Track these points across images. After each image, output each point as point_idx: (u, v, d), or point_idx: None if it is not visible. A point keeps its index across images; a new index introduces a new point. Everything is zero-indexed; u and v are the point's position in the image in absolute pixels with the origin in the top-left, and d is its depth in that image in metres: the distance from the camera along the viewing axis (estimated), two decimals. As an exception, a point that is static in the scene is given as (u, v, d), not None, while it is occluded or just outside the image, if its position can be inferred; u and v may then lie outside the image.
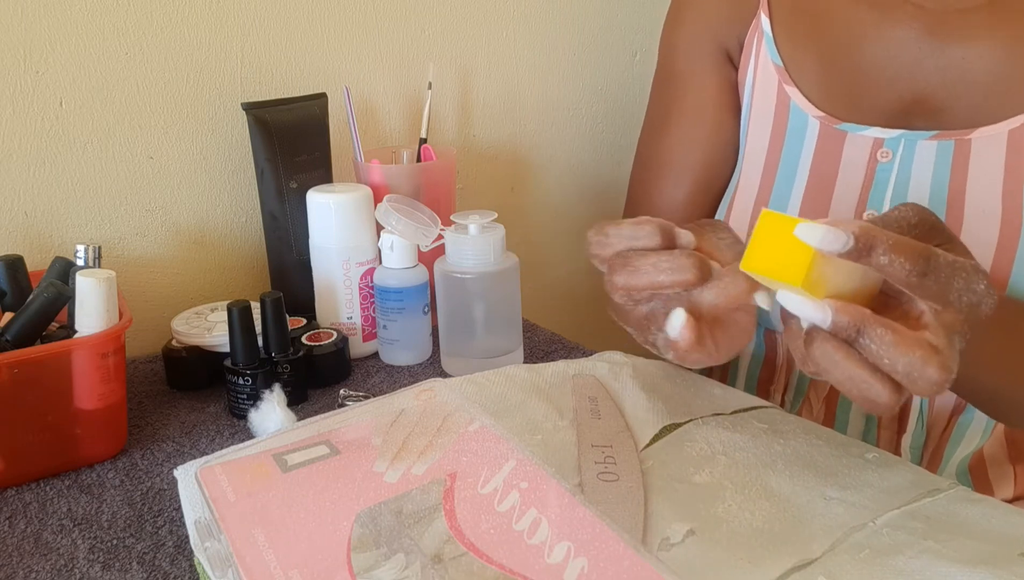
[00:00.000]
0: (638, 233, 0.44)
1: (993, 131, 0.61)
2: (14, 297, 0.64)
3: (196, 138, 0.81)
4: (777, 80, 0.69)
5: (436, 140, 0.93)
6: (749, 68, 0.72)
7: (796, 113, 0.68)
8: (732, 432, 0.51)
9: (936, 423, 0.68)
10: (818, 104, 0.67)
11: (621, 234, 0.45)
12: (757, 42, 0.71)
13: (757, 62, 0.71)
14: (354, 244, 0.74)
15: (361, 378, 0.73)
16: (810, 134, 0.67)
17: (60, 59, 0.74)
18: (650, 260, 0.43)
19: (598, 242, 0.46)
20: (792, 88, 0.68)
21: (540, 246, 1.06)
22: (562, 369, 0.59)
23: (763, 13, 0.70)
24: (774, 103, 0.70)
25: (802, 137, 0.68)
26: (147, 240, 0.81)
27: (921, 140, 0.63)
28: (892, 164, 0.64)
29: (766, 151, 0.70)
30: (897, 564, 0.39)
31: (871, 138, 0.65)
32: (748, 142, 0.72)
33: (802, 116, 0.68)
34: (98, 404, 0.59)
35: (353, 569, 0.40)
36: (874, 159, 0.65)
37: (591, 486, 0.45)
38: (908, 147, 0.64)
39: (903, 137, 0.64)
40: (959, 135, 0.62)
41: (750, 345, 0.77)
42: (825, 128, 0.67)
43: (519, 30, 0.97)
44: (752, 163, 0.72)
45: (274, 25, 0.83)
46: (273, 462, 0.49)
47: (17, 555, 0.50)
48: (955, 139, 0.62)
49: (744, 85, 0.73)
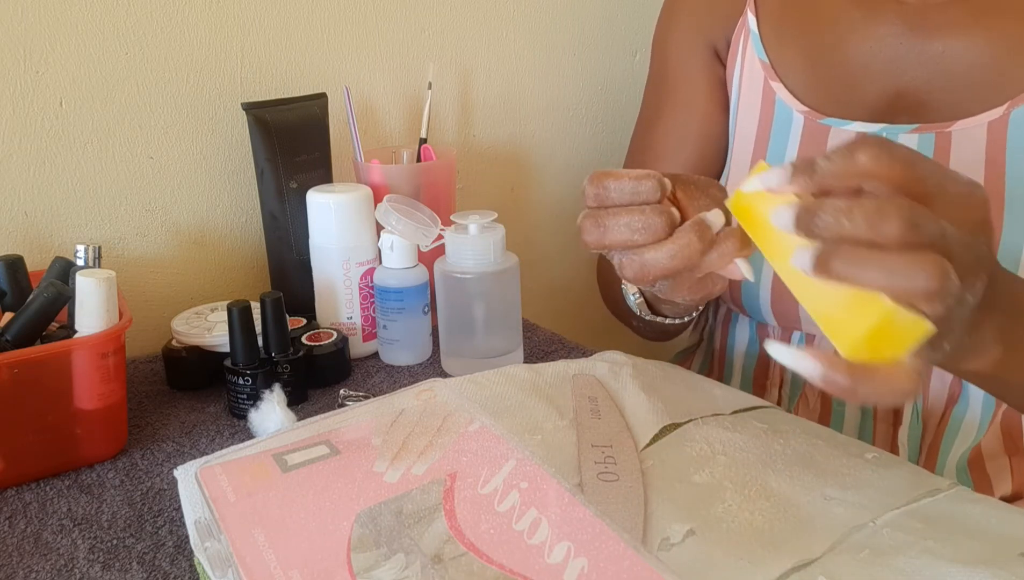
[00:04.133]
0: (639, 189, 0.44)
1: (973, 123, 0.62)
2: (14, 297, 0.64)
3: (196, 138, 0.81)
4: (763, 76, 0.71)
5: (436, 140, 0.93)
6: (736, 65, 0.73)
7: (781, 108, 0.70)
8: (732, 432, 0.51)
9: (932, 415, 0.68)
10: (803, 100, 0.69)
11: (623, 189, 0.44)
12: (744, 40, 0.72)
13: (744, 59, 0.72)
14: (354, 244, 0.74)
15: (361, 378, 0.73)
16: (795, 129, 0.69)
17: (60, 59, 0.74)
18: (623, 219, 0.43)
19: (596, 195, 0.45)
20: (777, 84, 0.70)
21: (540, 246, 1.06)
22: (562, 369, 0.60)
23: (750, 11, 0.72)
24: (760, 99, 0.71)
25: (787, 132, 0.69)
26: (147, 240, 0.81)
27: (902, 133, 0.64)
28: None
29: (753, 145, 0.72)
30: (897, 564, 0.39)
31: (853, 133, 0.66)
32: (736, 137, 0.74)
33: (787, 111, 0.69)
34: (98, 404, 0.59)
35: (353, 569, 0.40)
36: None
37: (591, 486, 0.45)
38: None
39: (884, 131, 0.65)
40: (939, 128, 0.63)
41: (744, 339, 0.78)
42: (810, 123, 0.68)
43: (519, 30, 0.97)
44: (740, 157, 0.73)
45: (274, 25, 0.82)
46: (273, 462, 0.49)
47: (17, 555, 0.50)
48: (935, 132, 0.63)
49: (731, 82, 0.75)
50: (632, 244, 0.44)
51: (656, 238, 0.43)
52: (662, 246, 0.43)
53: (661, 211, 0.43)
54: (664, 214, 0.43)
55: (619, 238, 0.44)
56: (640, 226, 0.43)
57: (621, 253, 0.45)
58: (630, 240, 0.43)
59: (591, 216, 0.45)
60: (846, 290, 0.36)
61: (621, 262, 0.45)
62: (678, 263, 0.43)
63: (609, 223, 0.44)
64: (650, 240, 0.43)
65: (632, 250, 0.44)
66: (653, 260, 0.43)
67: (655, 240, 0.43)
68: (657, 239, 0.43)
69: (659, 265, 0.43)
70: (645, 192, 0.44)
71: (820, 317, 0.39)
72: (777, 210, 0.37)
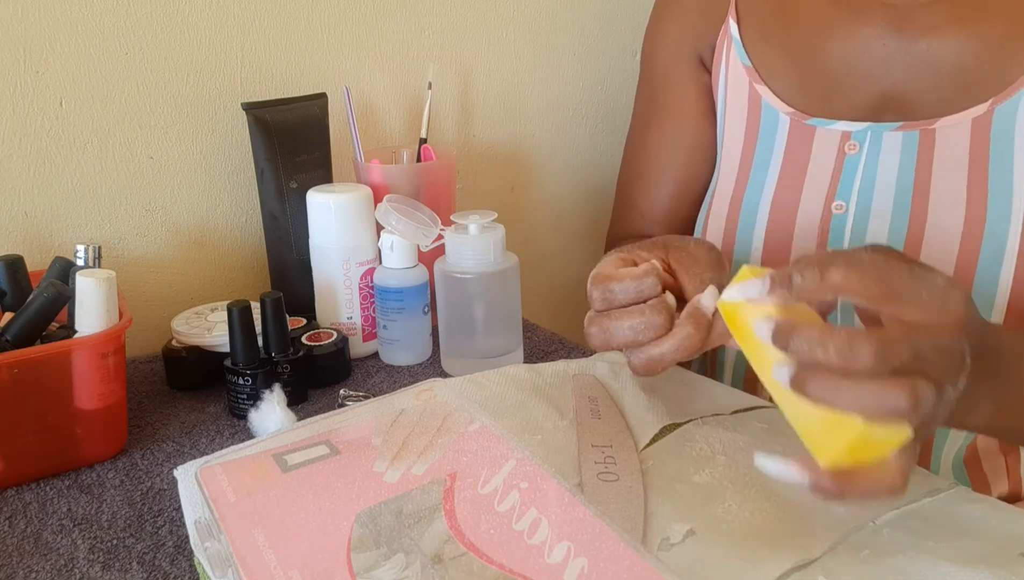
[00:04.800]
0: (641, 287, 0.48)
1: (957, 120, 0.63)
2: (14, 297, 0.64)
3: (196, 138, 0.81)
4: (748, 81, 0.72)
5: (436, 140, 0.93)
6: (720, 71, 0.75)
7: (768, 110, 0.71)
8: (732, 432, 0.51)
9: None
10: (788, 102, 0.70)
11: (627, 290, 0.48)
12: (726, 46, 0.74)
13: (728, 65, 0.74)
14: (354, 244, 0.74)
15: (361, 378, 0.73)
16: (781, 130, 0.70)
17: (60, 59, 0.74)
18: (626, 323, 0.47)
19: (603, 299, 0.49)
20: (763, 87, 0.71)
21: (540, 246, 1.06)
22: (562, 369, 0.59)
23: (731, 18, 0.73)
24: (746, 103, 0.72)
25: (774, 133, 0.70)
26: (147, 240, 0.81)
27: (887, 131, 0.65)
28: (859, 156, 0.66)
29: (741, 148, 0.73)
30: (897, 564, 0.39)
31: (839, 132, 0.67)
32: (725, 142, 0.75)
33: (773, 113, 0.70)
34: (98, 404, 0.59)
35: (353, 569, 0.40)
36: (842, 152, 0.67)
37: (591, 486, 0.45)
38: (875, 139, 0.66)
39: (869, 129, 0.66)
40: (924, 125, 0.64)
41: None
42: (795, 123, 0.69)
43: (519, 30, 0.97)
44: (729, 161, 0.75)
45: (274, 25, 0.83)
46: (273, 462, 0.49)
47: (17, 555, 0.50)
48: (920, 129, 0.64)
49: (717, 88, 0.76)
50: (637, 343, 0.47)
51: (658, 335, 0.47)
52: (664, 342, 0.47)
53: (659, 309, 0.47)
54: (662, 312, 0.47)
55: (624, 340, 0.47)
56: (643, 327, 0.47)
57: (628, 351, 0.49)
58: (635, 341, 0.47)
59: (596, 323, 0.49)
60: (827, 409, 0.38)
61: (630, 360, 0.49)
62: (682, 354, 0.47)
63: (613, 328, 0.48)
64: (653, 338, 0.47)
65: (638, 347, 0.48)
66: (659, 355, 0.47)
67: (657, 337, 0.47)
68: (659, 336, 0.47)
69: (664, 359, 0.47)
70: (647, 289, 0.48)
71: (801, 431, 0.41)
72: (758, 323, 0.40)
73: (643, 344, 0.47)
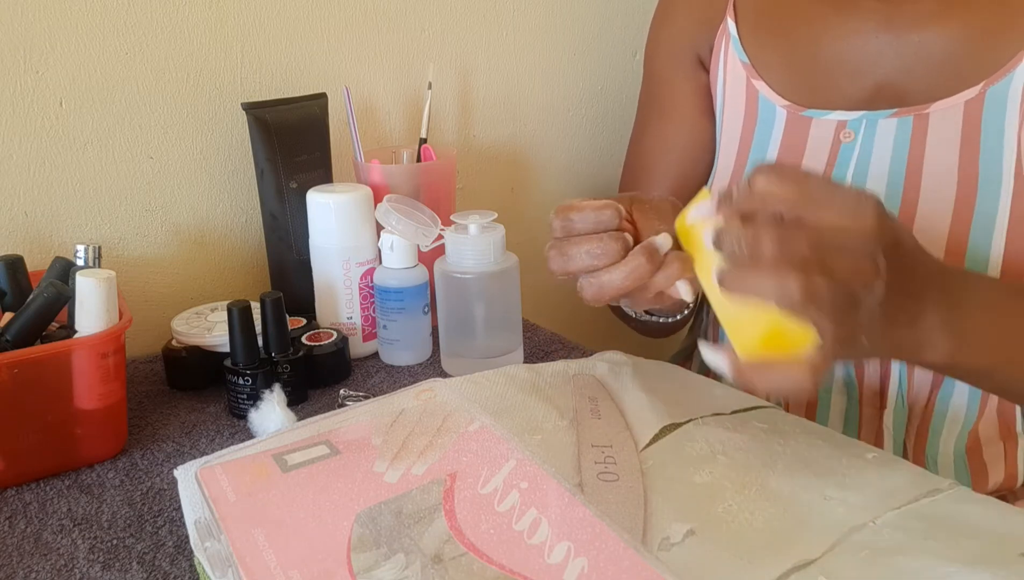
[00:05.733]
0: (600, 217, 0.49)
1: (950, 103, 0.65)
2: (14, 297, 0.64)
3: (196, 138, 0.81)
4: (745, 76, 0.74)
5: (436, 140, 0.93)
6: (719, 69, 0.76)
7: (764, 104, 0.72)
8: (732, 432, 0.51)
9: (917, 400, 0.69)
10: (785, 95, 0.72)
11: (586, 219, 0.49)
12: (725, 44, 0.75)
13: (726, 62, 0.75)
14: (354, 244, 0.74)
15: (361, 378, 0.73)
16: (778, 122, 0.71)
17: (60, 59, 0.74)
18: (584, 247, 0.49)
19: (562, 226, 0.50)
20: (759, 82, 0.73)
21: (540, 246, 1.06)
22: (562, 369, 0.60)
23: (729, 18, 0.75)
24: (744, 98, 0.74)
25: (771, 126, 0.72)
26: (147, 240, 0.81)
27: (881, 119, 0.67)
28: (854, 144, 0.68)
29: (738, 142, 0.75)
30: (897, 564, 0.39)
31: (835, 121, 0.69)
32: (723, 138, 0.77)
33: (770, 106, 0.72)
34: (98, 404, 0.59)
35: (353, 569, 0.40)
36: (837, 140, 0.69)
37: (591, 486, 0.45)
38: (869, 127, 0.67)
39: (864, 117, 0.67)
40: (917, 110, 0.66)
41: None
42: (792, 115, 0.71)
43: (519, 30, 0.97)
44: (726, 155, 0.76)
45: (274, 25, 0.82)
46: (273, 462, 0.49)
47: (17, 555, 0.50)
48: (914, 114, 0.66)
49: (715, 85, 0.77)
50: (592, 268, 0.49)
51: (612, 262, 0.48)
52: (616, 268, 0.48)
53: (617, 237, 0.49)
54: (619, 240, 0.48)
55: (581, 265, 0.49)
56: (599, 252, 0.48)
57: (582, 277, 0.50)
58: (590, 265, 0.49)
59: (555, 246, 0.50)
60: (746, 303, 0.42)
61: (581, 285, 0.50)
62: (630, 283, 0.48)
63: (571, 252, 0.49)
64: (607, 264, 0.48)
65: (591, 273, 0.49)
66: (608, 281, 0.48)
67: (611, 263, 0.48)
68: (613, 263, 0.48)
69: (613, 285, 0.48)
70: (605, 220, 0.49)
71: (725, 325, 0.45)
72: (705, 233, 0.45)
73: (598, 269, 0.49)
